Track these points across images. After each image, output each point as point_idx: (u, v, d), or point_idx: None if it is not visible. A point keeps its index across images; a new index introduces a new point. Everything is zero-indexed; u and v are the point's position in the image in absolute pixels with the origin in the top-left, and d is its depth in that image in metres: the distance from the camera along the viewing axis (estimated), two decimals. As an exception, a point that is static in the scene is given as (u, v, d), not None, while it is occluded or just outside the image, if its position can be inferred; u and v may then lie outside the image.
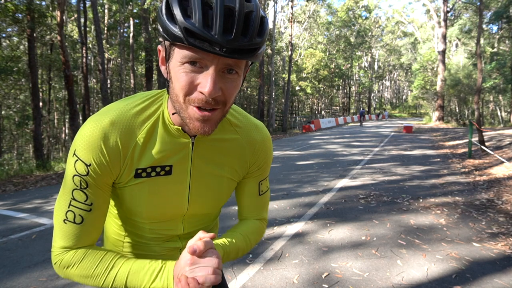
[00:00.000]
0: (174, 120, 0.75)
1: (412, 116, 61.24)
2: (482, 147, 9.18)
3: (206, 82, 0.62)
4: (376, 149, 12.00)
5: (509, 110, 30.93)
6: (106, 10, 25.49)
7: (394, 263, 3.00)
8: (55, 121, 26.07)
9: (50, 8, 14.88)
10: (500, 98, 30.67)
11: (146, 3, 15.35)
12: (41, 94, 20.05)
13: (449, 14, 31.18)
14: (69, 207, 0.71)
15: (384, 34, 58.61)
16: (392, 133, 20.13)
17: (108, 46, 24.47)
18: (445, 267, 2.91)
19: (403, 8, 52.95)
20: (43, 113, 19.94)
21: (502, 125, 26.75)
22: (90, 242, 0.74)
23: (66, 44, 13.26)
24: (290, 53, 23.51)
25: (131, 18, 21.09)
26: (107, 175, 0.73)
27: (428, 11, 37.61)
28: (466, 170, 7.57)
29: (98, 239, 0.78)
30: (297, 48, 35.60)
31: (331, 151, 11.50)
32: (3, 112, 21.54)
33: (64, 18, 12.12)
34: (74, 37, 21.42)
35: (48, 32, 15.69)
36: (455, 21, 34.23)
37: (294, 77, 33.84)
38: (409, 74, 63.43)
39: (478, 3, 15.89)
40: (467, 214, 4.39)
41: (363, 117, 31.37)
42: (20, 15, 11.22)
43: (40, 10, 11.49)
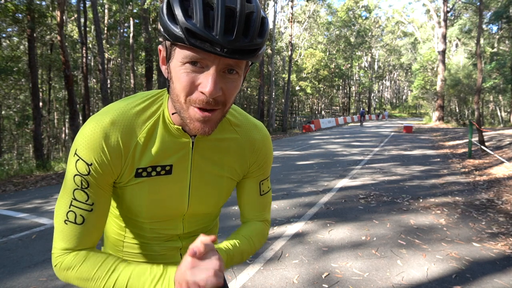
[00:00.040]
0: (174, 119, 0.75)
1: (412, 116, 61.24)
2: (482, 147, 9.18)
3: (207, 82, 0.62)
4: (376, 149, 12.00)
5: (509, 110, 30.94)
6: (106, 10, 25.48)
7: (394, 263, 3.00)
8: (55, 121, 26.07)
9: (50, 8, 14.89)
10: (500, 98, 30.68)
11: (146, 3, 15.36)
12: (41, 94, 20.05)
13: (449, 14, 31.19)
14: (70, 208, 0.71)
15: (384, 34, 58.62)
16: (392, 133, 20.13)
17: (108, 46, 24.47)
18: (445, 267, 2.91)
19: (403, 8, 53.01)
20: (43, 113, 19.94)
21: (502, 125, 26.75)
22: (91, 244, 0.74)
23: (66, 44, 13.26)
24: (290, 53, 23.52)
25: (131, 18, 21.11)
26: (108, 175, 0.73)
27: (428, 11, 37.63)
28: (466, 170, 7.57)
29: (98, 241, 0.78)
30: (297, 48, 35.60)
31: (331, 151, 11.50)
32: (3, 112, 21.54)
33: (64, 18, 12.12)
34: (74, 37, 21.42)
35: (48, 32, 15.70)
36: (455, 21, 34.23)
37: (294, 77, 33.85)
38: (409, 74, 63.42)
39: (478, 3, 15.88)
40: (467, 214, 4.39)
41: (364, 117, 31.42)
42: (20, 15, 11.22)
43: (40, 10, 11.49)
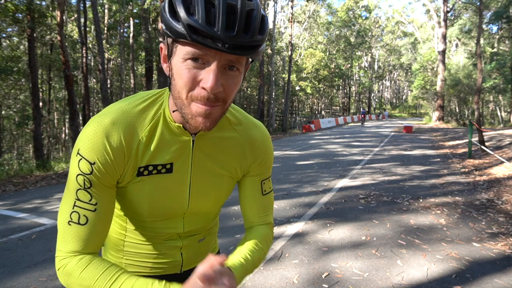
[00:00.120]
0: (175, 117, 0.76)
1: (412, 116, 61.24)
2: (482, 147, 9.18)
3: (208, 78, 0.63)
4: (376, 149, 12.00)
5: (509, 110, 30.94)
6: (106, 10, 25.48)
7: (394, 263, 3.00)
8: (55, 121, 26.07)
9: (50, 8, 14.89)
10: (500, 98, 30.68)
11: (146, 3, 15.36)
12: (41, 94, 20.04)
13: (449, 14, 31.18)
14: (73, 208, 0.71)
15: (384, 34, 58.61)
16: (392, 133, 20.13)
17: (108, 46, 24.47)
18: (445, 267, 2.91)
19: (403, 8, 53.01)
20: (43, 113, 19.94)
21: (502, 125, 26.75)
22: (95, 247, 0.73)
23: (66, 44, 13.26)
24: (290, 53, 23.52)
25: (131, 18, 21.12)
26: (111, 174, 0.73)
27: (428, 11, 37.63)
28: (466, 170, 7.57)
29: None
30: (297, 48, 35.60)
31: (331, 151, 11.50)
32: (3, 112, 21.54)
33: (64, 18, 12.13)
34: (74, 37, 21.42)
35: (48, 32, 15.70)
36: (455, 21, 34.23)
37: (294, 77, 33.84)
38: (409, 74, 63.41)
39: (478, 3, 15.88)
40: (467, 214, 4.39)
41: (365, 116, 31.49)
42: (20, 15, 11.23)
43: (40, 10, 11.50)
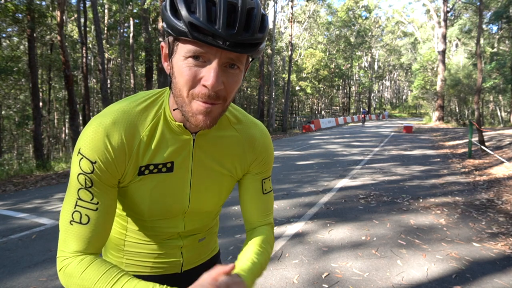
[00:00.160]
0: (176, 116, 0.76)
1: (412, 116, 61.23)
2: (482, 147, 9.18)
3: (209, 75, 0.64)
4: (376, 149, 12.00)
5: (509, 110, 30.94)
6: (106, 10, 25.49)
7: (394, 263, 3.00)
8: (55, 121, 26.07)
9: (50, 8, 14.89)
10: (500, 98, 30.68)
11: (146, 3, 15.35)
12: (41, 94, 20.05)
13: (449, 14, 31.18)
14: (75, 208, 0.71)
15: (384, 34, 58.60)
16: (392, 133, 20.12)
17: (108, 46, 24.47)
18: (445, 267, 2.91)
19: (403, 8, 53.00)
20: (43, 113, 19.94)
21: (502, 125, 26.75)
22: (96, 248, 0.73)
23: (66, 44, 13.26)
24: (290, 53, 23.52)
25: (131, 18, 21.11)
26: (112, 173, 0.73)
27: (428, 11, 37.63)
28: (466, 170, 7.57)
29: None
30: (297, 48, 35.60)
31: (331, 151, 11.50)
32: (3, 112, 21.54)
33: (64, 18, 12.13)
34: (74, 37, 21.42)
35: (48, 32, 15.70)
36: (455, 21, 34.23)
37: (294, 77, 33.84)
38: (409, 74, 63.40)
39: (478, 3, 15.88)
40: (467, 214, 4.39)
41: (365, 116, 31.51)
42: (20, 15, 11.22)
43: (40, 10, 11.49)
